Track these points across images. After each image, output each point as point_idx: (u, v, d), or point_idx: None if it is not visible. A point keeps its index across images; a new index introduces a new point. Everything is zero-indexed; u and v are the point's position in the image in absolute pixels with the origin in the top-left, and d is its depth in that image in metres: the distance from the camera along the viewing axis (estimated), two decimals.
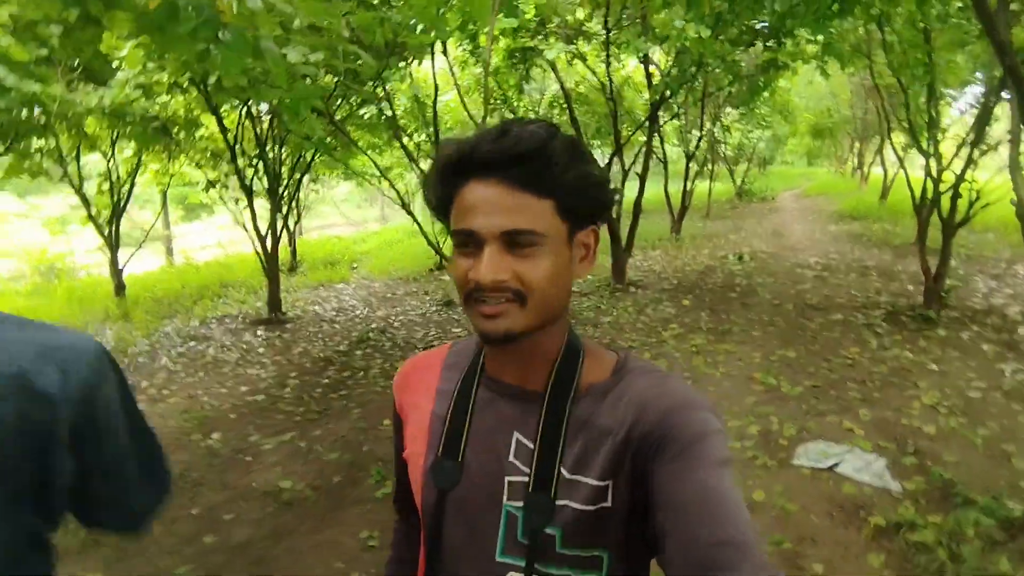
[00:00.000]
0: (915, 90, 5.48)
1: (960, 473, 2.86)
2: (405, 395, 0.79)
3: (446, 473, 0.69)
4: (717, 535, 0.51)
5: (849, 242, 9.62)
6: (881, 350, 4.58)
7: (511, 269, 0.60)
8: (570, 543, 0.63)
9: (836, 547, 2.41)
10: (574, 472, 0.63)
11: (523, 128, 0.60)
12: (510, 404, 0.69)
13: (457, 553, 0.69)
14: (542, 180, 0.60)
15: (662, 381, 0.65)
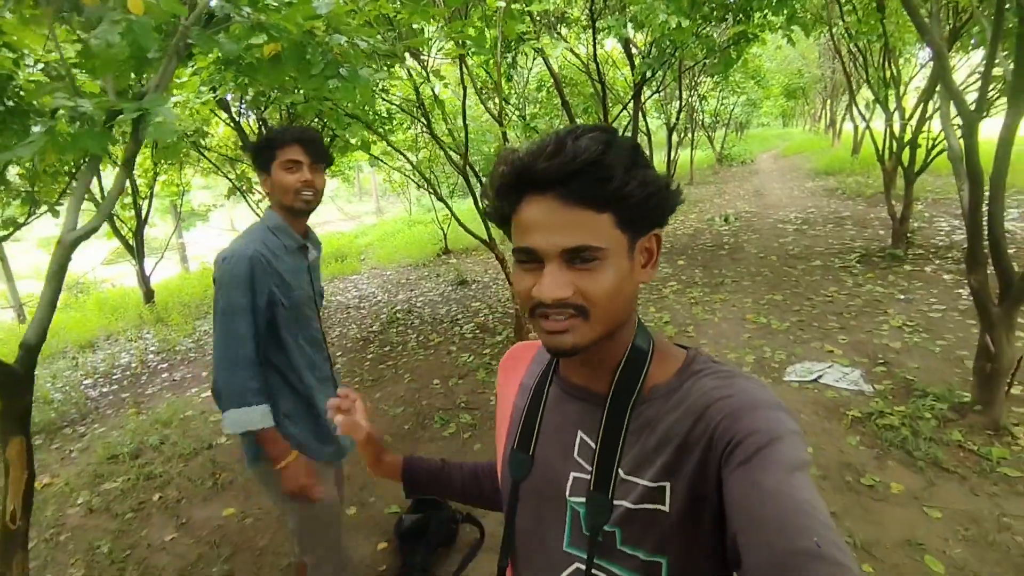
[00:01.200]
0: (873, 52, 6.06)
1: (921, 375, 3.49)
2: (502, 380, 0.85)
3: (519, 464, 0.74)
4: (796, 545, 0.48)
5: (825, 196, 10.27)
6: (856, 287, 5.22)
7: (573, 285, 0.60)
8: (629, 542, 0.64)
9: (822, 434, 3.03)
10: (630, 473, 0.64)
11: (578, 142, 0.59)
12: (577, 404, 0.71)
13: (529, 539, 0.73)
14: (599, 195, 0.59)
15: (729, 381, 0.63)
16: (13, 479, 1.55)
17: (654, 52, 6.25)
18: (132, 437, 3.95)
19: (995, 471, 2.58)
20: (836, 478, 2.67)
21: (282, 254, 1.61)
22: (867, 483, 2.60)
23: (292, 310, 1.62)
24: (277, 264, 1.58)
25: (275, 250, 1.59)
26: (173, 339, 6.64)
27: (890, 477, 2.63)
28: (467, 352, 4.80)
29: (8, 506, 1.56)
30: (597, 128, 0.61)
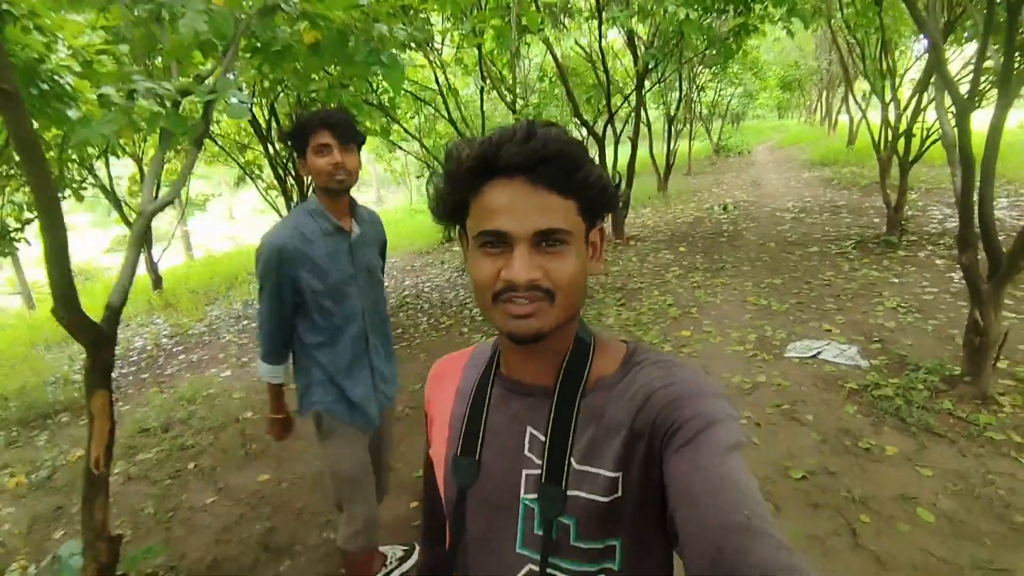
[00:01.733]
0: (870, 45, 6.23)
1: (914, 351, 3.69)
2: (433, 395, 0.83)
3: (464, 470, 0.72)
4: (727, 519, 0.50)
5: (821, 186, 10.46)
6: (852, 271, 5.41)
7: (543, 267, 0.61)
8: (584, 535, 0.65)
9: (821, 404, 3.22)
10: (583, 463, 0.65)
11: (547, 131, 0.62)
12: (523, 400, 0.71)
13: (479, 547, 0.72)
14: (568, 181, 0.61)
15: (670, 371, 0.65)
16: (98, 428, 1.72)
17: (657, 43, 6.40)
18: (159, 412, 4.11)
19: (982, 435, 2.78)
20: (835, 442, 2.86)
21: (317, 238, 1.70)
22: (864, 446, 2.80)
23: (328, 292, 1.72)
24: (310, 250, 1.68)
25: (310, 235, 1.69)
26: (185, 324, 6.78)
27: (885, 441, 2.83)
28: (479, 333, 4.97)
29: (93, 453, 1.72)
30: (553, 124, 0.64)
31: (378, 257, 1.92)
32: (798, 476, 2.63)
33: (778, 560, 0.47)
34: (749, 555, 0.48)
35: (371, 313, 1.84)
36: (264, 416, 1.88)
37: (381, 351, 1.90)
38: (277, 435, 1.96)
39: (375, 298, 1.86)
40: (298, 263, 1.67)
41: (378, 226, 1.93)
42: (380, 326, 1.89)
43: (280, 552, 2.50)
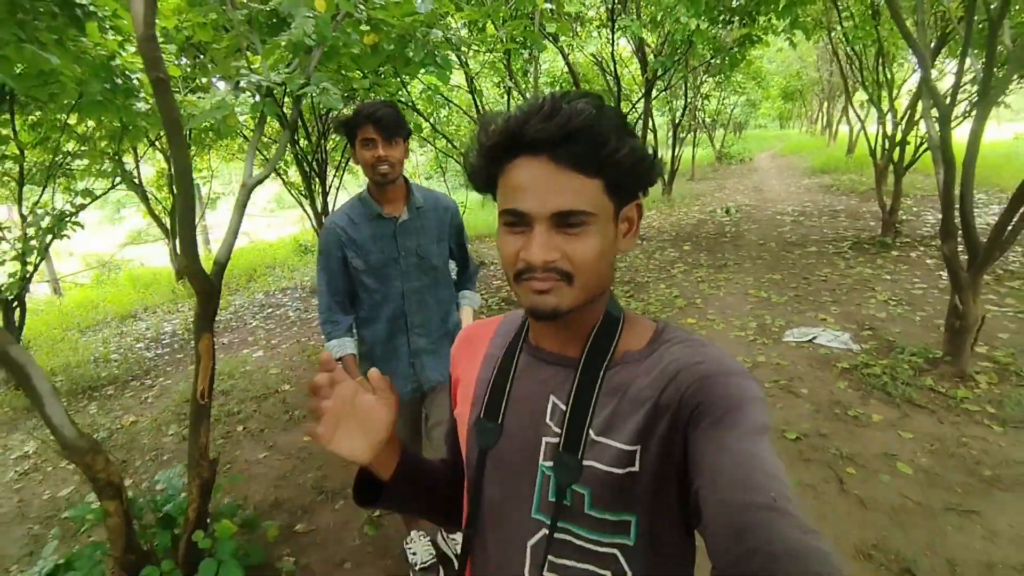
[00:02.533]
0: (868, 57, 6.57)
1: (901, 337, 4.01)
2: (460, 359, 0.84)
3: (486, 433, 0.73)
4: (753, 499, 0.50)
5: (820, 192, 10.81)
6: (847, 269, 5.74)
7: (560, 249, 0.61)
8: (599, 504, 0.65)
9: (815, 380, 3.54)
10: (601, 434, 0.65)
11: (573, 105, 0.59)
12: (549, 369, 0.71)
13: (496, 509, 0.73)
14: (592, 159, 0.60)
15: (699, 349, 0.65)
16: (203, 366, 2.03)
17: (666, 51, 6.75)
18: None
19: (959, 407, 3.10)
20: (827, 411, 3.18)
21: (363, 222, 1.83)
22: (852, 414, 3.11)
23: (369, 271, 1.85)
24: (355, 232, 1.83)
25: (357, 218, 1.84)
26: None
27: (871, 411, 3.14)
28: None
29: (199, 386, 2.04)
30: (587, 94, 0.62)
31: (436, 244, 1.92)
32: (793, 437, 2.95)
33: (804, 541, 0.47)
34: (774, 534, 0.48)
35: (415, 296, 1.90)
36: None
37: (424, 334, 1.94)
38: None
39: (424, 283, 1.91)
40: (344, 243, 1.83)
41: (443, 213, 1.94)
42: (426, 310, 1.93)
43: (334, 494, 2.81)
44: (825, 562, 0.46)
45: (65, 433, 1.84)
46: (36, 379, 1.78)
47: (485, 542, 0.75)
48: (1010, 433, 2.85)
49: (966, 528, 2.26)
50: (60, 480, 3.31)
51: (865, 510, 2.40)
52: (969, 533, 2.24)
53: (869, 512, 2.39)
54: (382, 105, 1.74)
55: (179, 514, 2.16)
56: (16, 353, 1.76)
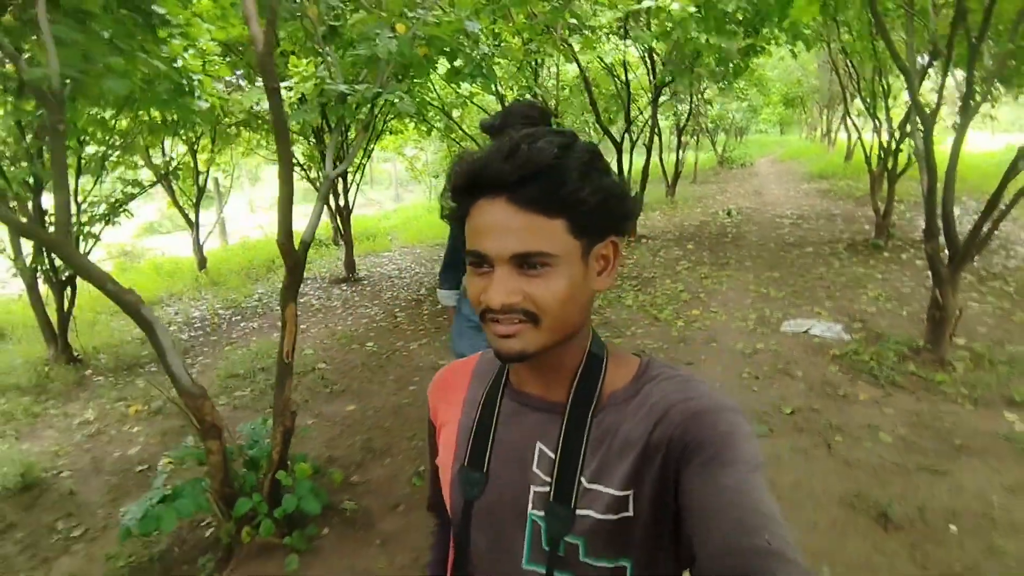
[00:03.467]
0: (866, 68, 6.95)
1: (889, 329, 4.38)
2: (438, 402, 0.82)
3: (471, 483, 0.71)
4: (749, 543, 0.49)
5: (818, 197, 11.21)
6: (842, 268, 6.12)
7: (522, 291, 0.59)
8: (593, 553, 0.63)
9: (809, 365, 3.91)
10: (593, 482, 0.64)
11: (533, 144, 0.58)
12: (533, 415, 0.69)
13: (484, 559, 0.71)
14: (552, 200, 0.58)
15: (684, 385, 0.64)
16: (288, 330, 2.39)
17: (675, 59, 7.12)
18: (242, 363, 4.77)
19: (937, 389, 3.47)
20: (819, 390, 3.55)
21: None
22: (842, 393, 3.49)
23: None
24: None
25: None
26: (236, 298, 7.44)
27: (858, 391, 3.52)
28: None
29: (284, 347, 2.40)
30: (556, 132, 0.62)
31: None
32: (788, 411, 3.32)
33: None
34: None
35: None
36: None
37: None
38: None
39: None
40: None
41: None
42: None
43: (381, 453, 3.18)
44: None
45: (183, 381, 2.20)
46: (160, 335, 2.14)
47: None
48: (980, 410, 3.22)
49: (936, 484, 2.63)
50: (126, 441, 3.66)
51: (849, 469, 2.77)
52: (938, 488, 2.60)
53: (852, 470, 2.76)
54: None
55: (262, 458, 2.52)
56: (145, 312, 2.12)
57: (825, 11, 6.36)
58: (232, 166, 9.54)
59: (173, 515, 2.16)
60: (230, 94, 5.39)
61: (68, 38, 2.27)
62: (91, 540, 2.67)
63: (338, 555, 2.41)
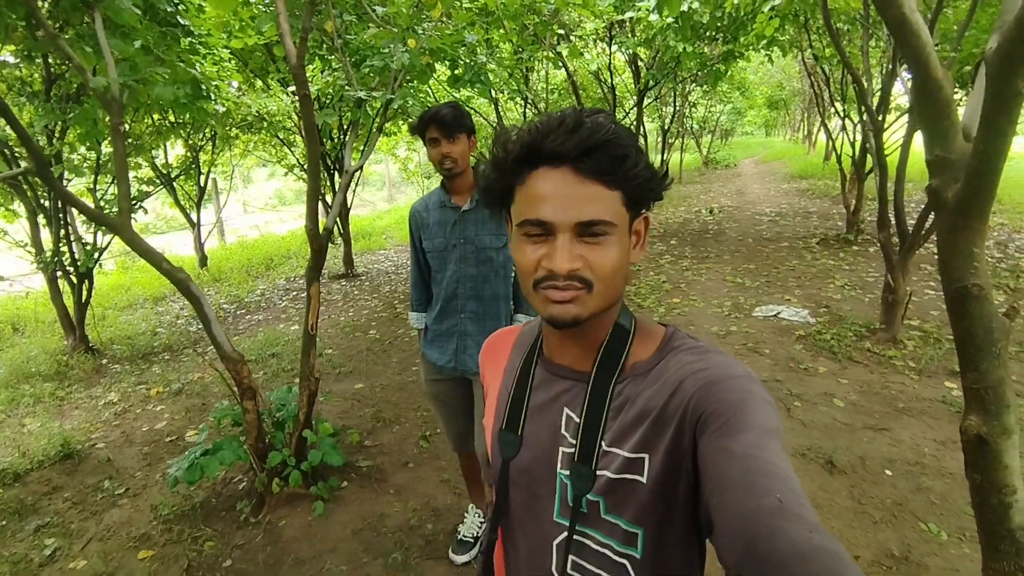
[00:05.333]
0: (836, 74, 7.39)
1: (850, 313, 4.79)
2: (486, 368, 0.90)
3: (508, 443, 0.77)
4: (760, 504, 0.50)
5: (797, 196, 11.68)
6: (813, 260, 6.54)
7: (582, 258, 0.63)
8: (612, 511, 0.68)
9: (776, 344, 4.30)
10: (611, 445, 0.68)
11: (595, 120, 0.62)
12: (562, 383, 0.75)
13: (522, 512, 0.78)
14: (614, 172, 0.62)
15: (703, 356, 0.66)
16: (313, 306, 2.73)
17: (657, 64, 7.53)
18: (252, 350, 5.09)
19: (887, 363, 3.87)
20: (783, 365, 3.94)
21: (434, 208, 2.02)
22: (803, 367, 3.88)
23: (433, 253, 2.03)
24: (427, 216, 2.03)
25: (431, 204, 2.03)
26: (239, 294, 7.74)
27: (818, 365, 3.91)
28: None
29: (310, 320, 2.74)
30: (602, 111, 0.66)
31: (496, 236, 1.97)
32: None
33: (811, 541, 0.46)
34: (781, 537, 0.47)
35: (468, 281, 2.00)
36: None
37: (475, 320, 2.05)
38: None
39: (480, 272, 1.99)
40: (420, 226, 2.06)
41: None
42: (479, 299, 2.02)
43: (390, 422, 3.52)
44: (834, 560, 0.45)
45: (225, 348, 2.53)
46: (206, 308, 2.48)
47: (516, 542, 0.80)
48: (924, 380, 3.63)
49: (877, 439, 3.02)
50: (152, 418, 3.98)
51: (805, 428, 3.16)
52: (879, 442, 3.00)
53: (807, 429, 3.15)
54: (444, 106, 1.88)
55: (288, 420, 2.86)
56: (193, 288, 2.45)
57: (795, 20, 6.82)
58: (230, 168, 9.82)
59: (216, 464, 2.50)
60: (239, 98, 5.72)
61: (121, 51, 2.62)
62: (135, 496, 3.00)
63: (358, 502, 2.76)
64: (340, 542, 2.50)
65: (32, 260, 5.23)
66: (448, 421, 2.27)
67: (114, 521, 2.78)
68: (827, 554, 0.45)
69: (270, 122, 5.81)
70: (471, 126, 1.94)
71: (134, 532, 2.65)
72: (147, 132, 5.74)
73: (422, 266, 2.14)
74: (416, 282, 2.19)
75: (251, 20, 4.03)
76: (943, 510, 2.49)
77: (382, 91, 2.67)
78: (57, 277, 5.23)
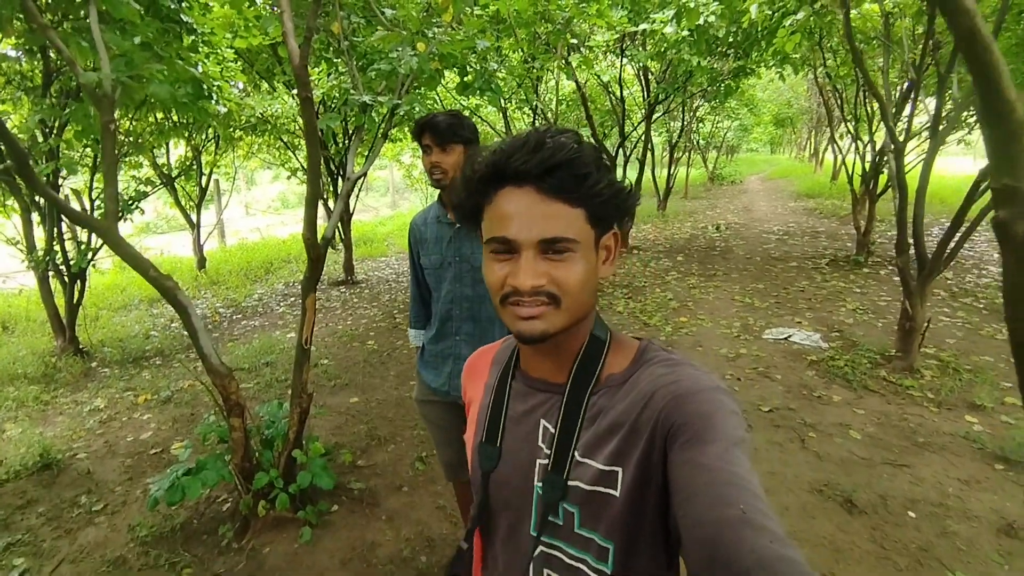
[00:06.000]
0: (848, 94, 7.29)
1: (864, 339, 4.64)
2: (467, 385, 0.91)
3: (487, 456, 0.78)
4: (723, 514, 0.51)
5: (804, 214, 11.56)
6: (823, 282, 6.40)
7: (548, 274, 0.65)
8: (586, 524, 0.68)
9: (788, 369, 4.15)
10: (585, 456, 0.69)
11: (556, 139, 0.64)
12: (538, 396, 0.76)
13: (501, 526, 0.79)
14: (575, 190, 0.64)
15: (673, 369, 0.67)
16: (308, 318, 2.59)
17: (668, 78, 7.43)
18: (246, 358, 4.95)
19: (905, 393, 3.72)
20: (796, 392, 3.79)
21: (431, 223, 1.89)
22: (817, 395, 3.73)
23: (429, 270, 1.91)
24: (425, 231, 1.90)
25: (429, 219, 1.91)
26: (236, 298, 7.60)
27: (832, 393, 3.76)
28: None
29: (304, 333, 2.60)
30: (567, 130, 0.66)
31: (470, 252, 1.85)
32: (767, 409, 3.55)
33: (772, 550, 0.47)
34: (743, 547, 0.48)
35: (464, 302, 1.87)
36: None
37: (470, 344, 1.91)
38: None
39: (477, 292, 1.86)
40: (418, 241, 1.93)
41: None
42: (476, 321, 1.90)
43: (385, 440, 3.37)
44: (794, 568, 0.45)
45: (212, 361, 2.39)
46: (194, 318, 2.34)
47: (496, 555, 0.81)
48: (943, 412, 3.47)
49: (898, 476, 2.87)
50: (138, 427, 3.83)
51: (820, 461, 3.00)
52: (900, 479, 2.84)
53: (823, 463, 2.99)
54: (442, 113, 1.77)
55: (278, 437, 2.71)
56: (181, 296, 2.31)
57: (810, 38, 6.73)
58: (233, 169, 9.71)
59: (198, 484, 2.34)
60: (243, 99, 5.61)
61: (117, 45, 2.49)
62: (112, 513, 2.84)
63: (347, 528, 2.60)
64: (327, 572, 2.34)
65: (23, 259, 5.10)
66: (441, 445, 2.13)
67: (89, 541, 2.62)
68: (788, 562, 0.46)
69: (274, 125, 5.70)
70: (469, 137, 1.79)
71: (108, 555, 2.49)
72: (149, 131, 5.63)
73: (421, 283, 2.01)
74: (415, 298, 2.06)
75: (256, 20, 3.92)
76: (971, 557, 2.33)
77: (388, 96, 2.54)
78: (48, 276, 5.10)
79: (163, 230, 17.66)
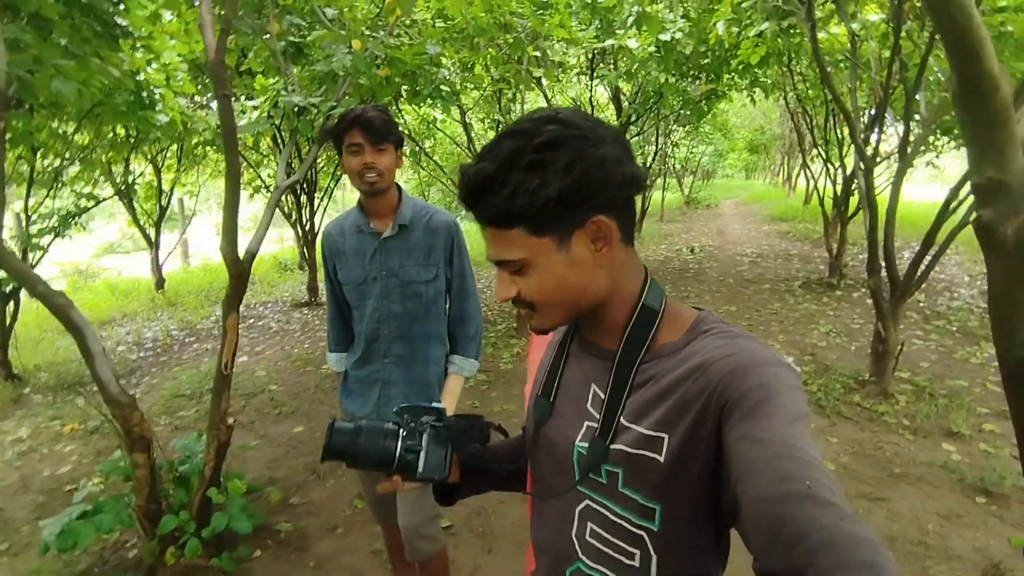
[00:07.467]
0: (819, 119, 7.30)
1: (837, 363, 4.49)
2: (536, 343, 0.94)
3: (540, 408, 0.81)
4: (788, 490, 0.48)
5: (778, 238, 11.58)
6: (795, 304, 6.28)
7: (515, 287, 0.69)
8: (629, 485, 0.69)
9: None
10: (630, 421, 0.69)
11: (480, 163, 0.64)
12: (591, 360, 0.77)
13: (548, 478, 0.81)
14: (498, 215, 0.64)
15: (732, 340, 0.65)
16: (229, 341, 2.34)
17: (639, 99, 7.38)
18: (190, 383, 4.63)
19: (879, 419, 3.55)
20: None
21: (350, 233, 1.70)
22: None
23: (350, 286, 1.71)
24: (343, 243, 1.71)
25: (346, 229, 1.71)
26: (192, 320, 7.25)
27: None
28: None
29: (224, 358, 2.34)
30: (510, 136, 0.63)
31: (424, 267, 1.69)
32: None
33: (841, 529, 0.45)
34: (811, 525, 0.45)
35: (393, 320, 1.70)
36: None
37: (401, 366, 1.73)
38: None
39: (407, 309, 1.69)
40: (334, 253, 1.73)
41: (433, 233, 1.68)
42: (407, 341, 1.72)
43: (325, 475, 3.09)
44: (864, 548, 0.43)
45: (111, 389, 2.12)
46: (90, 340, 2.07)
47: (543, 507, 0.83)
48: (919, 441, 3.31)
49: (874, 510, 2.67)
50: (58, 460, 3.49)
51: None
52: (876, 514, 2.64)
53: None
54: (372, 108, 1.57)
55: (193, 475, 2.42)
56: (75, 316, 2.05)
57: (779, 60, 6.73)
58: (197, 187, 9.41)
59: (92, 530, 2.05)
60: (195, 112, 5.37)
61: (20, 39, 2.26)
62: (14, 555, 2.53)
63: None
64: None
65: None
66: (367, 486, 1.93)
67: None
68: (859, 542, 0.44)
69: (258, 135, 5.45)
70: (400, 138, 1.65)
71: None
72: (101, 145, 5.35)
73: (340, 300, 1.79)
74: (333, 318, 1.84)
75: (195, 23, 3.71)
76: None
77: (322, 99, 2.34)
78: None
79: (128, 249, 17.16)
